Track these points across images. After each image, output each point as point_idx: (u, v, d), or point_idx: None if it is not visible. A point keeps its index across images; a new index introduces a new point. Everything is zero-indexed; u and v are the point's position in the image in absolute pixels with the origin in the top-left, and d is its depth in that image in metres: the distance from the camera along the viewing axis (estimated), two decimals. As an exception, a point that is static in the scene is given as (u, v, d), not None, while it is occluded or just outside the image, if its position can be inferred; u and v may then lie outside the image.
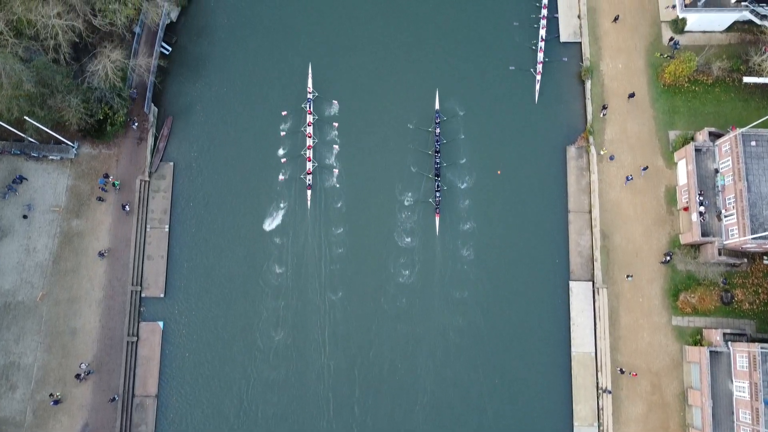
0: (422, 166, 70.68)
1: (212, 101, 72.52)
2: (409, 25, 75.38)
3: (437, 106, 72.08)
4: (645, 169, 69.29)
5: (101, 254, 66.77)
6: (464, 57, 74.00)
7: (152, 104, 70.21)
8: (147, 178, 69.38)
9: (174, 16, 72.88)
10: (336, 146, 71.19)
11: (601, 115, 70.91)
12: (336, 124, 71.61)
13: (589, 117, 71.39)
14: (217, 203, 69.49)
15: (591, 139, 70.43)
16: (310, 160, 69.86)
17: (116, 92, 65.44)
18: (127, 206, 66.89)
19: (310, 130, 70.55)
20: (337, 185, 70.16)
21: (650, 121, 70.62)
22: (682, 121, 70.55)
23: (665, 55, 71.80)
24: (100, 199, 67.73)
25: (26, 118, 60.55)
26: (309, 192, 69.57)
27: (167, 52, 72.41)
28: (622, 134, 70.57)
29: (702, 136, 67.55)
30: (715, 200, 65.70)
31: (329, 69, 73.43)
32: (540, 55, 72.56)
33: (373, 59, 74.08)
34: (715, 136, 67.63)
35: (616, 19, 73.32)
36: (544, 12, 73.64)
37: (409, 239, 68.65)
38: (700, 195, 64.95)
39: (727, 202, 64.46)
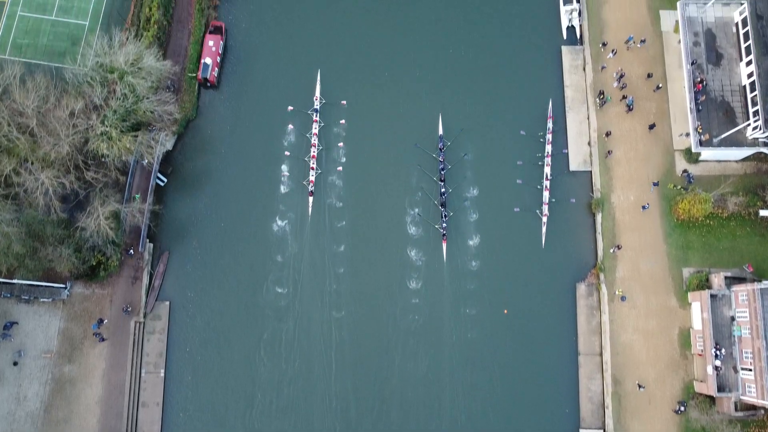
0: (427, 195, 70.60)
1: (209, 232, 69.65)
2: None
3: (440, 131, 70.80)
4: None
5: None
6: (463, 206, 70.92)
7: (147, 240, 67.65)
8: (142, 320, 66.97)
9: (170, 144, 70.24)
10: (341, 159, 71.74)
11: (612, 252, 68.32)
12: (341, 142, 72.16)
13: (600, 253, 68.72)
14: (215, 347, 66.76)
15: (602, 276, 67.86)
16: (313, 169, 70.02)
17: (109, 240, 63.01)
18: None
19: (315, 132, 70.90)
20: (340, 204, 70.11)
21: (663, 258, 68.03)
22: (696, 257, 67.95)
23: (679, 187, 69.20)
24: (102, 339, 65.43)
25: (16, 281, 58.26)
26: (311, 199, 69.86)
27: (163, 183, 69.81)
28: (634, 272, 67.89)
29: (717, 281, 65.06)
30: (731, 349, 63.19)
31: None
32: (545, 195, 69.36)
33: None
34: (731, 279, 65.23)
35: (609, 153, 70.44)
36: (549, 149, 70.18)
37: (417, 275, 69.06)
38: (716, 348, 62.45)
39: (744, 355, 61.94)
